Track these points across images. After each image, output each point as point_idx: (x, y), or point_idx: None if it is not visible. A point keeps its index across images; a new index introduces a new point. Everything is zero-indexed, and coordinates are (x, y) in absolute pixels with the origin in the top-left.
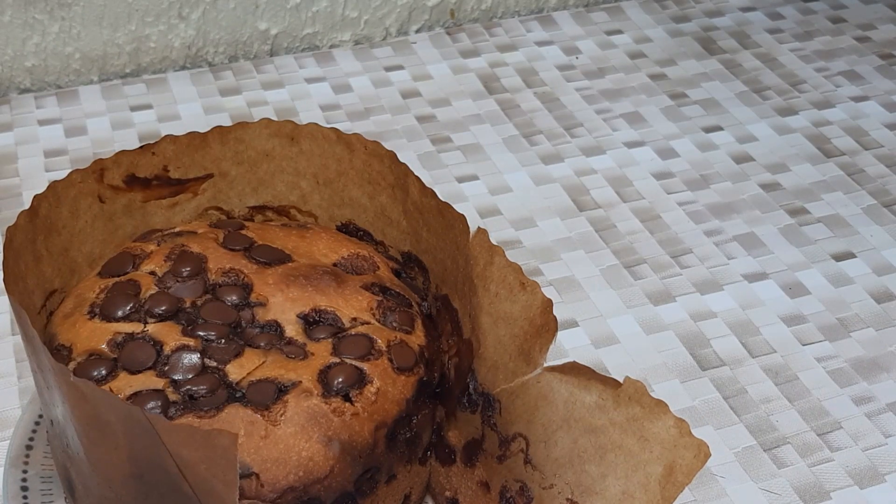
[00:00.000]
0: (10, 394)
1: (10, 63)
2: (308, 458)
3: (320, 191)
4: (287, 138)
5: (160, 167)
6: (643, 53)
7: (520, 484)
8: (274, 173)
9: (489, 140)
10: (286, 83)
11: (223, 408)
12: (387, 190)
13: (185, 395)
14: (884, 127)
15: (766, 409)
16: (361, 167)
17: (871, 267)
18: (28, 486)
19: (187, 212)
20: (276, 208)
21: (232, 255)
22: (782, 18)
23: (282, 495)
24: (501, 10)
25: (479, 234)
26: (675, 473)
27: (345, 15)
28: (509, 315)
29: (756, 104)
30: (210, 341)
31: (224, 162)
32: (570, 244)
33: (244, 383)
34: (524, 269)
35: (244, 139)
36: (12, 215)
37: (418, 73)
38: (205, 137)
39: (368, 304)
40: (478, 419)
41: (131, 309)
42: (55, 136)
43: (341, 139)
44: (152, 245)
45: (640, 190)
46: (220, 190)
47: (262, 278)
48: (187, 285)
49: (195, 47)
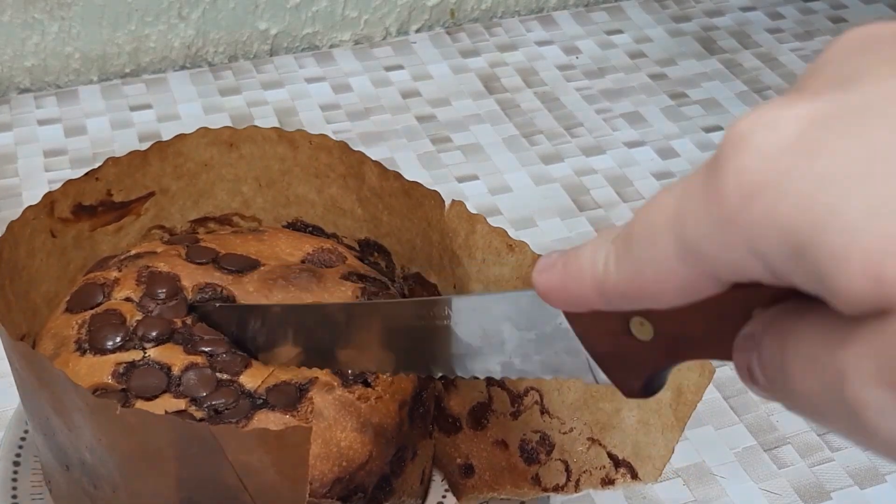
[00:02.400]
0: (9, 394)
1: (9, 63)
2: (348, 447)
3: (263, 193)
4: (226, 145)
5: (104, 192)
6: (643, 53)
7: (539, 434)
8: (214, 182)
9: (489, 140)
10: (286, 83)
11: (252, 416)
12: (337, 181)
13: (209, 410)
14: None
15: (767, 409)
16: (307, 162)
17: None
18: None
19: (132, 235)
20: (217, 218)
21: (203, 269)
22: (782, 18)
23: (331, 488)
24: (501, 10)
25: (456, 206)
26: (684, 394)
27: (345, 15)
28: (500, 277)
29: (756, 104)
30: (215, 356)
31: (164, 178)
32: (570, 244)
33: (261, 391)
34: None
35: (182, 151)
36: (12, 214)
37: (418, 72)
38: (145, 155)
39: (353, 293)
40: (482, 383)
41: (123, 338)
42: (55, 135)
43: (283, 137)
44: (113, 272)
45: (641, 190)
46: (162, 207)
47: (241, 287)
48: (169, 306)
49: (195, 47)
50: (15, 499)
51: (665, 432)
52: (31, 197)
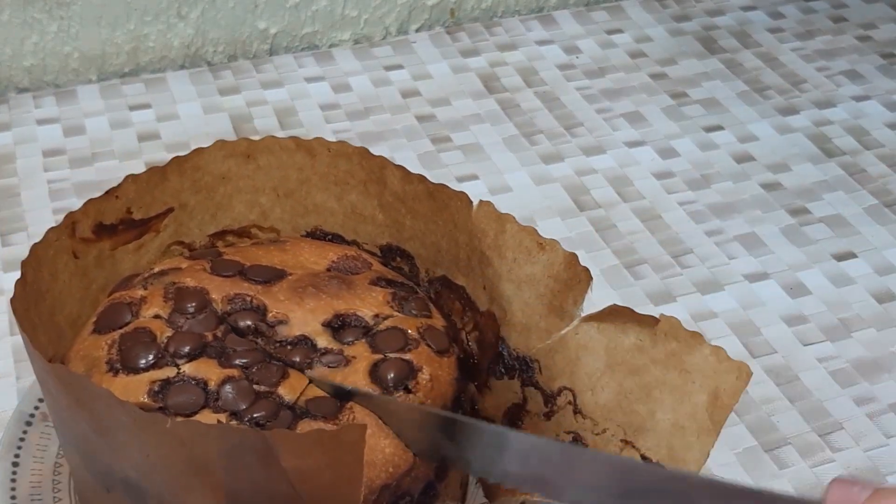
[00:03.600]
0: (8, 395)
1: (8, 62)
2: (392, 454)
3: (281, 203)
4: (243, 157)
5: (124, 210)
6: (644, 53)
7: (572, 435)
8: (231, 195)
9: (489, 140)
10: (285, 82)
11: (294, 427)
12: (357, 187)
13: (251, 423)
14: (885, 126)
15: (767, 410)
16: (326, 170)
17: (872, 267)
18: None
19: (152, 252)
20: (235, 231)
21: (231, 281)
22: (783, 18)
23: (379, 495)
24: (501, 9)
25: (484, 206)
26: (721, 397)
27: (344, 14)
28: (532, 277)
29: (757, 103)
30: (250, 368)
31: (183, 193)
32: (570, 244)
33: (301, 402)
34: None
35: (200, 165)
36: (10, 215)
37: (418, 72)
38: (163, 171)
39: (384, 298)
40: (516, 384)
41: (155, 356)
42: (54, 135)
43: (301, 146)
44: (139, 290)
45: (641, 190)
46: (182, 223)
47: (272, 296)
48: (198, 320)
49: (194, 46)
50: (14, 500)
51: (700, 436)
52: (30, 197)
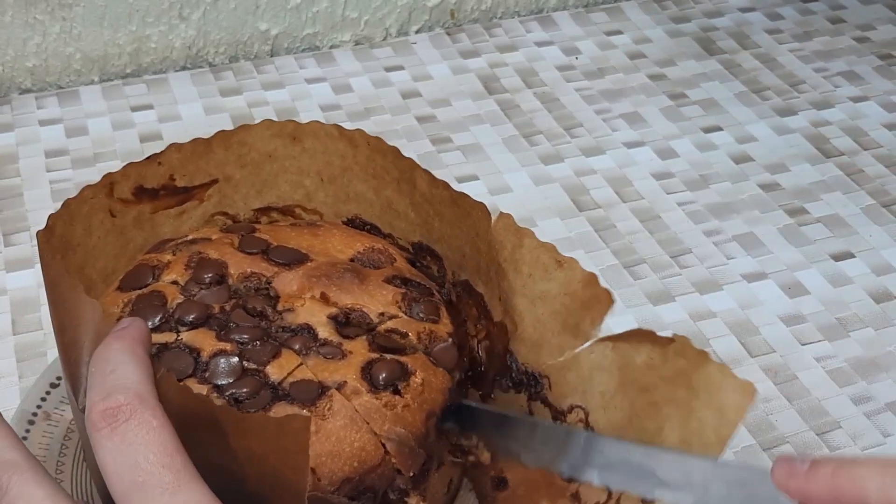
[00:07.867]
0: (10, 394)
1: (11, 63)
2: (360, 449)
3: (325, 188)
4: (289, 138)
5: (167, 176)
6: (643, 54)
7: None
8: (277, 174)
9: (489, 140)
10: (286, 83)
11: (269, 408)
12: (392, 184)
13: (229, 398)
14: (883, 127)
15: (766, 409)
16: (365, 162)
17: (870, 267)
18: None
19: (194, 219)
20: (280, 208)
21: (251, 259)
22: (781, 19)
23: (339, 487)
24: (501, 11)
25: (504, 219)
26: (726, 414)
27: (345, 15)
28: (547, 294)
29: (755, 104)
30: (245, 344)
31: (228, 166)
32: (569, 244)
33: (286, 384)
34: None
35: (247, 142)
36: (13, 215)
37: (418, 73)
38: (208, 143)
39: (393, 298)
40: (522, 398)
41: (161, 320)
42: (56, 136)
43: (344, 135)
44: (168, 255)
45: (640, 190)
46: (226, 195)
47: (285, 283)
48: (212, 291)
49: (196, 47)
50: None
51: (706, 451)
52: (33, 197)
